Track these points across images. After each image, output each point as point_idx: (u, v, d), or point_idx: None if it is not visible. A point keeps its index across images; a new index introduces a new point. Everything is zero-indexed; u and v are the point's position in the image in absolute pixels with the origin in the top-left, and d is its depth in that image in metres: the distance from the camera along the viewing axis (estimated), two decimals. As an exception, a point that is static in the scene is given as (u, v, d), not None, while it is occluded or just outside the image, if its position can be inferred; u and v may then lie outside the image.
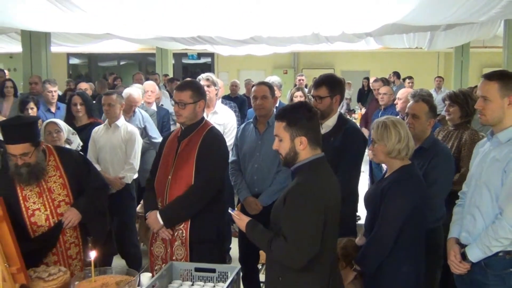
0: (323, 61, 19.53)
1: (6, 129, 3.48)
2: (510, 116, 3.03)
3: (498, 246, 2.95)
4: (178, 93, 3.80)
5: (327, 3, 5.46)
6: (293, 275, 2.78)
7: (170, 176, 3.75)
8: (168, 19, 6.52)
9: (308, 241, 2.69)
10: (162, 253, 3.79)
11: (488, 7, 5.19)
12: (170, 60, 15.86)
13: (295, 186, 2.81)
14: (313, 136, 2.84)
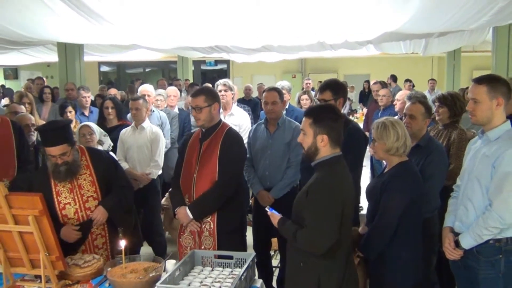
0: (327, 66, 19.47)
1: (44, 133, 3.51)
2: (498, 116, 3.01)
3: (488, 234, 2.93)
4: (193, 99, 3.81)
5: (331, 15, 5.43)
6: (315, 261, 2.80)
7: (196, 174, 3.75)
8: (188, 31, 6.54)
9: (329, 229, 2.71)
10: (191, 244, 3.79)
11: (477, 16, 5.15)
12: (190, 66, 15.89)
13: (317, 181, 2.82)
14: (334, 136, 2.85)
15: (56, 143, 3.40)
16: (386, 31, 6.48)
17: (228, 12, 5.28)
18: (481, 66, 15.66)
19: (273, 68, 18.34)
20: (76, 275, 3.11)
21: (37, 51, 10.95)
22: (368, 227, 3.36)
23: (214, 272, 3.13)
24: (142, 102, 5.44)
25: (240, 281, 2.88)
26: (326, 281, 2.78)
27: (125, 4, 4.99)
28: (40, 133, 3.61)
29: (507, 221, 2.88)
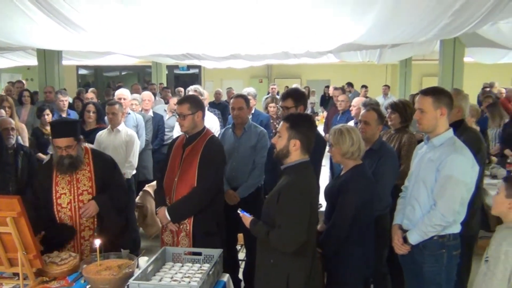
0: (292, 72, 19.53)
1: (54, 126, 3.62)
2: (442, 125, 3.07)
3: (432, 231, 3.00)
4: (178, 106, 3.76)
5: (295, 27, 5.45)
6: (284, 258, 2.82)
7: (177, 178, 3.69)
8: (161, 40, 6.46)
9: (299, 229, 2.73)
10: (171, 241, 3.75)
11: (425, 31, 5.24)
12: (164, 71, 15.72)
13: (288, 184, 2.82)
14: (306, 143, 2.88)
15: (64, 135, 3.47)
16: (344, 42, 6.54)
17: (199, 23, 5.25)
18: (430, 73, 15.99)
19: (241, 74, 18.28)
20: (53, 272, 3.06)
21: (17, 55, 10.65)
22: (326, 225, 3.39)
23: (184, 268, 3.12)
24: (118, 107, 5.45)
25: (208, 276, 2.88)
26: (295, 277, 2.81)
27: (101, 14, 4.91)
28: (51, 126, 3.70)
29: (450, 219, 2.95)
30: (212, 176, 3.66)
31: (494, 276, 2.55)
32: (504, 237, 2.61)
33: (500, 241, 2.61)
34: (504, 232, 2.66)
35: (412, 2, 4.20)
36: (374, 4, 4.28)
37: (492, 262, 2.59)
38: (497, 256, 2.57)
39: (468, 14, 4.48)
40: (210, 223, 3.70)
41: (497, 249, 2.59)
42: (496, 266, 2.55)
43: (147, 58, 12.74)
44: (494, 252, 2.60)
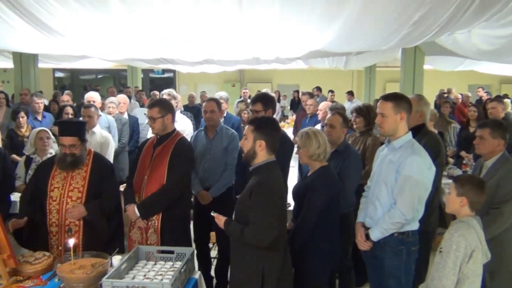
0: (263, 76, 19.58)
1: (62, 125, 3.70)
2: (402, 128, 3.12)
3: (393, 228, 3.04)
4: (148, 110, 3.78)
5: (265, 34, 5.48)
6: (259, 254, 2.83)
7: (146, 176, 3.69)
8: (136, 44, 6.41)
9: (271, 224, 2.75)
10: (139, 238, 3.72)
11: (387, 40, 5.34)
12: (139, 75, 15.53)
13: (259, 183, 2.83)
14: (271, 143, 2.90)
15: (69, 134, 3.53)
16: (312, 49, 6.61)
17: (173, 29, 5.22)
18: (392, 79, 16.23)
19: (215, 78, 18.24)
20: (27, 271, 3.00)
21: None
22: (294, 223, 3.42)
23: (156, 266, 3.09)
24: (94, 110, 5.39)
25: (180, 274, 2.87)
26: (269, 271, 2.83)
27: (77, 20, 4.83)
28: (59, 124, 3.80)
29: (408, 217, 3.00)
30: (181, 174, 3.69)
31: (446, 264, 2.62)
32: (456, 229, 2.69)
33: (452, 232, 2.69)
34: (456, 225, 2.73)
35: (374, 13, 4.28)
36: (339, 15, 4.34)
37: (444, 252, 2.66)
38: (449, 246, 2.64)
39: (427, 25, 4.59)
40: (177, 219, 3.71)
41: (450, 240, 2.66)
42: (448, 255, 2.62)
43: (123, 62, 12.58)
44: (446, 243, 2.68)
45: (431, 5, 4.02)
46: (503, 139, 3.50)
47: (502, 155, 3.50)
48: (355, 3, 3.95)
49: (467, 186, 2.76)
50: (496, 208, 3.31)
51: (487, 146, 3.52)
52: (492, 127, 3.53)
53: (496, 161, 3.49)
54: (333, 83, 16.92)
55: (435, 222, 4.11)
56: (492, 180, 3.40)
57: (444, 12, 4.24)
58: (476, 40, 5.75)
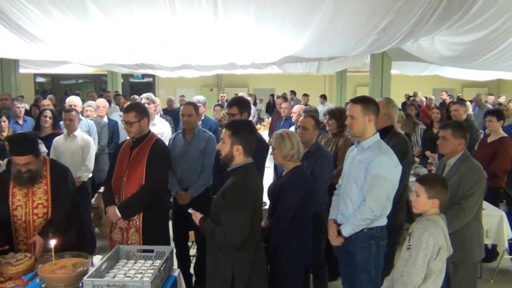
0: (240, 81, 19.60)
1: (13, 143, 3.35)
2: (370, 129, 3.16)
3: (363, 224, 3.08)
4: (125, 114, 3.72)
5: (241, 41, 5.49)
6: (230, 252, 2.81)
7: (125, 178, 3.65)
8: (115, 50, 6.33)
9: (242, 225, 2.73)
10: (120, 238, 3.68)
11: (356, 46, 5.41)
12: (119, 80, 15.35)
13: (232, 184, 2.82)
14: (248, 147, 2.89)
15: (23, 153, 3.25)
16: (285, 55, 6.64)
17: (151, 36, 5.18)
18: (362, 83, 16.47)
19: (193, 82, 18.17)
20: (8, 272, 2.94)
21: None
22: (269, 221, 3.43)
23: (136, 265, 3.06)
24: (75, 114, 5.31)
25: (159, 272, 2.85)
26: (240, 269, 2.82)
27: (58, 28, 4.76)
28: (9, 142, 3.41)
29: (377, 213, 3.04)
30: (160, 174, 3.67)
31: (416, 262, 2.64)
32: (425, 228, 2.69)
33: (422, 231, 2.69)
34: (425, 223, 2.73)
35: (344, 21, 4.33)
36: (310, 24, 4.39)
37: (414, 249, 2.67)
38: (419, 245, 2.65)
39: (392, 32, 4.68)
40: (158, 218, 3.70)
41: (419, 238, 2.67)
42: (418, 253, 2.64)
43: (103, 67, 12.41)
44: (416, 241, 2.68)
45: (396, 13, 4.09)
46: (463, 139, 3.56)
47: (463, 154, 3.56)
48: (325, 13, 4.00)
49: (438, 188, 2.76)
50: (458, 204, 3.37)
51: (449, 146, 3.58)
52: (454, 128, 3.58)
53: (457, 160, 3.55)
54: (306, 87, 17.06)
55: (403, 219, 4.16)
56: (454, 177, 3.46)
57: (408, 20, 4.33)
58: (439, 47, 5.88)
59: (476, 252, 3.53)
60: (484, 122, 5.88)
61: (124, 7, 4.14)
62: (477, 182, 3.43)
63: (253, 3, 3.88)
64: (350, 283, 3.31)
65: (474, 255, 3.53)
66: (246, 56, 7.12)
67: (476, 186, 3.41)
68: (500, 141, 5.49)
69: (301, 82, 17.83)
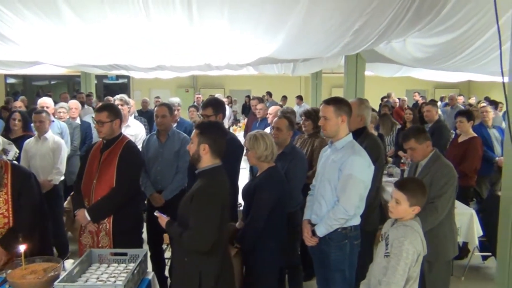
0: (216, 82, 19.54)
1: None
2: (343, 130, 3.20)
3: (336, 224, 3.11)
4: (97, 114, 3.67)
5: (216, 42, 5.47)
6: (197, 256, 2.78)
7: (95, 180, 3.60)
8: (88, 51, 6.22)
9: (210, 231, 2.70)
10: (90, 242, 3.62)
11: (330, 48, 5.44)
12: (93, 81, 15.06)
13: (200, 188, 2.79)
14: (216, 148, 2.85)
15: None
16: (261, 56, 6.65)
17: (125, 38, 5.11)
18: (337, 85, 16.57)
19: (168, 83, 18.01)
20: (-25, 279, 2.86)
21: None
22: (244, 222, 3.43)
23: (110, 268, 3.03)
24: (45, 115, 5.20)
25: (133, 275, 2.82)
26: (206, 272, 2.79)
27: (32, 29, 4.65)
28: None
29: (351, 213, 3.08)
30: (130, 176, 3.63)
31: (396, 272, 2.60)
32: (405, 235, 2.66)
33: (402, 240, 2.64)
34: (403, 230, 2.70)
35: (317, 23, 4.36)
36: (284, 26, 4.40)
37: (394, 259, 2.63)
38: (399, 254, 2.61)
39: (366, 34, 4.73)
40: (129, 221, 3.65)
41: (399, 248, 2.63)
42: (399, 263, 2.60)
43: (75, 68, 12.17)
44: (396, 250, 2.64)
45: (369, 16, 4.14)
46: (428, 140, 3.62)
47: (434, 154, 3.62)
48: (299, 15, 4.02)
49: (419, 195, 2.72)
50: (431, 203, 3.41)
51: (419, 153, 3.61)
52: (415, 136, 3.61)
53: (429, 160, 3.61)
54: (282, 88, 17.16)
55: (377, 219, 4.22)
56: (426, 177, 3.52)
57: (381, 22, 4.38)
58: (411, 49, 5.98)
59: (450, 250, 3.60)
60: (455, 123, 6.03)
61: (97, 8, 4.08)
62: (449, 180, 3.49)
63: (227, 6, 3.88)
64: (324, 283, 3.34)
65: (448, 253, 3.60)
66: (221, 57, 7.08)
67: (447, 184, 3.47)
68: (470, 141, 5.64)
69: (277, 83, 17.90)
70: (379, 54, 7.25)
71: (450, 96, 12.09)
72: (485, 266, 5.40)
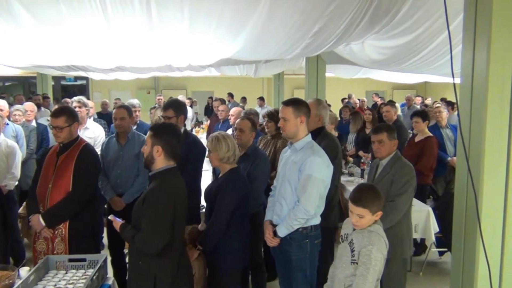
0: (178, 83, 19.35)
1: None
2: (302, 131, 3.24)
3: (297, 224, 3.14)
4: (53, 119, 3.57)
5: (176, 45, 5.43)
6: (151, 259, 2.75)
7: (51, 185, 3.50)
8: (43, 51, 6.04)
9: (161, 233, 2.68)
10: (45, 249, 3.51)
11: (290, 50, 5.51)
12: (49, 82, 14.63)
13: (152, 190, 2.77)
14: (169, 149, 2.82)
15: None
16: (222, 57, 6.65)
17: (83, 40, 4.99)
18: (299, 86, 16.73)
19: (129, 85, 17.68)
20: None
21: None
22: (206, 224, 3.42)
23: (68, 275, 2.96)
24: (-3, 118, 4.98)
25: (92, 281, 2.76)
26: (162, 275, 2.77)
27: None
28: None
29: (311, 213, 3.12)
30: (87, 181, 3.57)
31: (366, 280, 2.60)
32: (372, 243, 2.64)
33: (370, 248, 2.63)
34: (368, 236, 2.68)
35: (277, 25, 4.40)
36: (244, 27, 4.42)
37: (363, 267, 2.62)
38: (368, 262, 2.61)
39: (325, 36, 4.82)
40: (86, 226, 3.58)
41: (368, 256, 2.62)
42: (368, 271, 2.60)
43: (30, 69, 11.77)
44: (365, 259, 2.62)
45: (328, 18, 4.22)
46: (396, 140, 3.74)
47: (395, 154, 3.73)
48: (259, 16, 4.05)
49: (377, 201, 2.70)
50: (392, 201, 3.49)
51: (386, 148, 3.69)
52: (388, 131, 3.72)
53: (390, 160, 3.70)
54: (245, 89, 17.20)
55: (336, 218, 4.30)
56: (388, 176, 3.63)
57: (339, 25, 4.48)
58: (369, 51, 6.13)
59: (407, 248, 3.69)
60: (412, 123, 6.21)
61: (53, 8, 3.98)
62: (409, 180, 3.58)
63: (187, 7, 3.86)
64: (286, 283, 3.38)
65: (405, 251, 3.68)
66: (182, 59, 7.04)
67: (408, 184, 3.56)
68: (426, 140, 5.83)
69: (239, 85, 17.92)
70: (339, 56, 7.40)
71: (407, 97, 12.48)
72: (442, 261, 5.60)
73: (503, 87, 2.82)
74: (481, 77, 2.87)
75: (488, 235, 2.87)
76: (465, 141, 2.96)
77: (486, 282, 2.85)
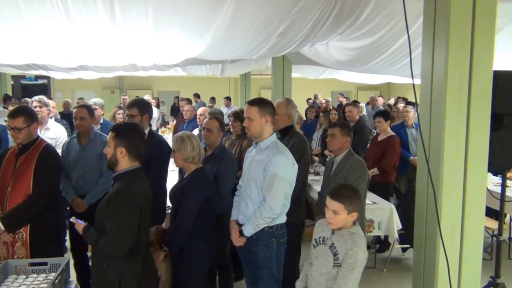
0: (143, 83, 19.10)
1: None
2: (267, 130, 3.25)
3: (263, 223, 3.15)
4: (11, 120, 3.43)
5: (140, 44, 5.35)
6: (115, 262, 2.71)
7: (10, 188, 3.38)
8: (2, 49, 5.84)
9: (127, 234, 2.64)
10: (4, 254, 3.39)
11: (256, 50, 5.54)
12: (8, 81, 14.16)
13: (117, 191, 2.72)
14: (133, 150, 2.79)
15: None
16: (188, 57, 6.61)
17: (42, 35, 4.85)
18: (266, 86, 16.80)
19: (93, 84, 17.32)
20: None
21: None
22: (171, 225, 3.39)
23: (28, 279, 2.87)
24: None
25: (53, 285, 2.69)
26: (127, 278, 2.73)
27: None
28: None
29: (276, 212, 3.14)
30: (48, 183, 3.46)
31: (350, 280, 2.62)
32: (356, 244, 2.64)
33: (356, 250, 2.63)
34: (351, 239, 2.67)
35: (243, 25, 4.42)
36: (210, 27, 4.42)
37: (347, 268, 2.63)
38: (354, 263, 2.61)
39: (290, 37, 4.87)
40: (48, 230, 3.48)
41: (354, 257, 2.61)
42: (352, 272, 2.61)
43: (-13, 68, 11.37)
44: (350, 260, 2.63)
45: (293, 18, 4.27)
46: (349, 137, 3.97)
47: (348, 151, 3.95)
48: (225, 16, 4.05)
49: (355, 201, 2.72)
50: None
51: (337, 142, 3.93)
52: (341, 126, 3.97)
53: (344, 157, 3.92)
54: (211, 89, 17.15)
55: (303, 215, 4.34)
56: (342, 172, 3.84)
57: (304, 25, 4.54)
58: (333, 51, 6.24)
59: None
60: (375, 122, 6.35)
61: (12, 6, 3.85)
62: (361, 175, 3.79)
63: (151, 6, 3.82)
64: (253, 282, 3.38)
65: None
66: (147, 58, 6.95)
67: (360, 178, 3.76)
68: (389, 139, 5.98)
69: (206, 85, 17.85)
70: (305, 57, 7.49)
71: (371, 97, 12.76)
72: (404, 257, 5.74)
73: (460, 88, 2.93)
74: (439, 78, 2.97)
75: (447, 233, 2.97)
76: (424, 140, 3.05)
77: (445, 277, 2.95)
